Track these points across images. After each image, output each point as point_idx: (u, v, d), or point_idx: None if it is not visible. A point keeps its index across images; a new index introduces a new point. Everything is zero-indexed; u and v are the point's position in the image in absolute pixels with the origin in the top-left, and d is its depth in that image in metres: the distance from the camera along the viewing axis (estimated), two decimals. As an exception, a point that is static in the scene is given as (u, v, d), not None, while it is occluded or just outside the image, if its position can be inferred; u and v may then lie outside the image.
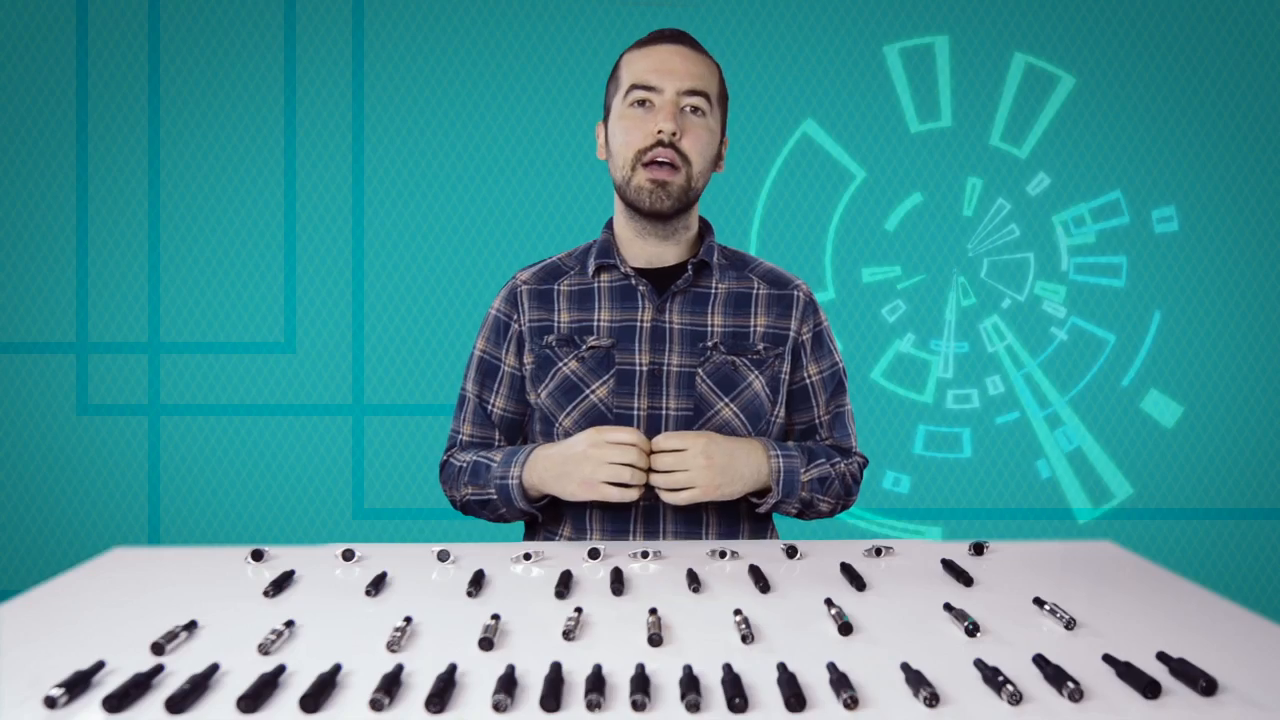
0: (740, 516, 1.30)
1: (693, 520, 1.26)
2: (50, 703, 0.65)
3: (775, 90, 2.63)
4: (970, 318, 2.63)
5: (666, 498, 1.17)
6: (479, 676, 0.71)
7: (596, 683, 0.67)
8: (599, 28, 2.61)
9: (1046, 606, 0.87)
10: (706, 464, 1.15)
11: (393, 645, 0.77)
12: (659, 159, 1.21)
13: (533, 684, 0.69)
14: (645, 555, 1.08)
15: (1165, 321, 2.61)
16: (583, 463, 1.15)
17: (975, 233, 2.60)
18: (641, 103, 1.23)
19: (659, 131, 1.21)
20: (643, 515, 1.26)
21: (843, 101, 2.63)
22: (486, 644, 0.77)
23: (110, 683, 0.69)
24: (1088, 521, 2.63)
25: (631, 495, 1.15)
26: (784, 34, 2.62)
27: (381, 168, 2.62)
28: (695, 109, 1.23)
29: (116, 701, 0.65)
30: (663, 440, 1.17)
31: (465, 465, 1.30)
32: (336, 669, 0.70)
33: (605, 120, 1.31)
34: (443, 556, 1.06)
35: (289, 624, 0.82)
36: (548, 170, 2.62)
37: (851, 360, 2.60)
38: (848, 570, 0.99)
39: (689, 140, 1.22)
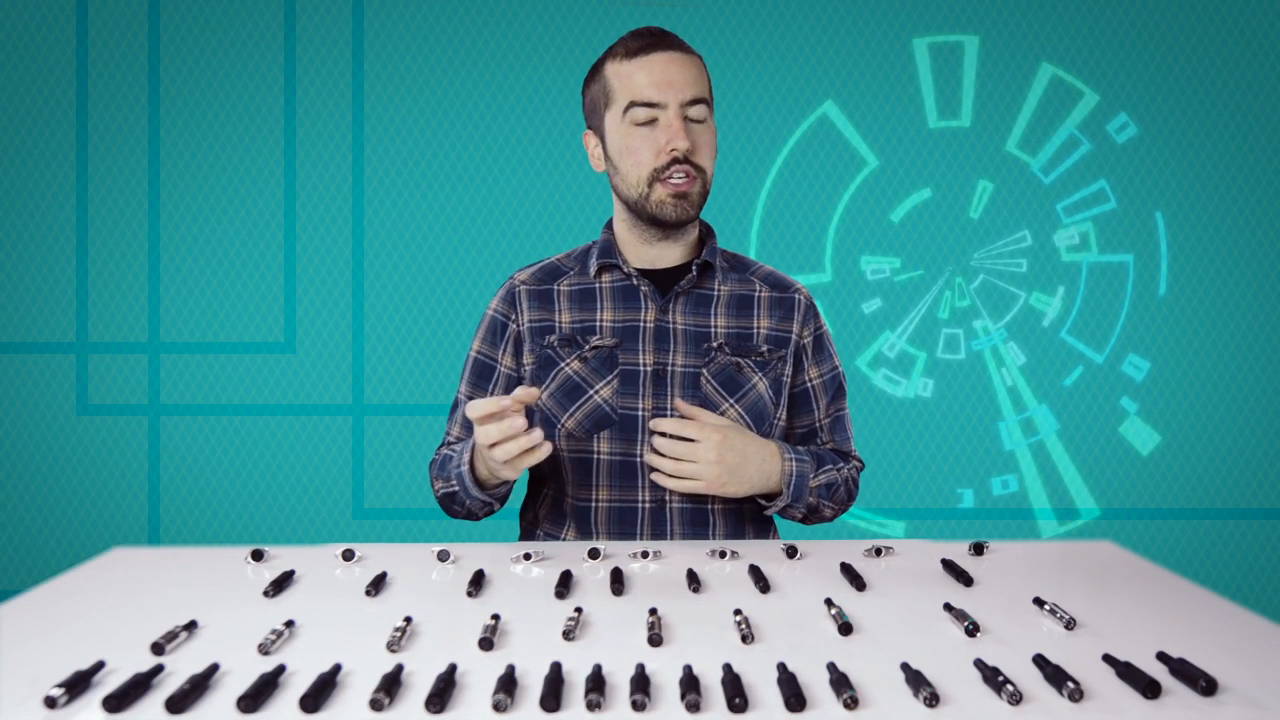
0: (745, 519, 1.30)
1: (699, 523, 1.26)
2: (50, 703, 0.65)
3: (801, 67, 2.63)
4: (962, 318, 2.63)
5: (665, 482, 1.17)
6: (479, 676, 0.71)
7: (596, 683, 0.67)
8: (601, 28, 2.61)
9: (1046, 606, 0.87)
10: (716, 460, 1.15)
11: (393, 645, 0.77)
12: (675, 176, 1.20)
13: (533, 684, 0.69)
14: (645, 555, 1.08)
15: (1169, 220, 2.61)
16: (483, 455, 1.10)
17: (985, 246, 2.61)
18: (644, 119, 1.21)
19: (672, 150, 1.19)
20: (650, 518, 1.25)
21: (865, 88, 2.63)
22: (486, 644, 0.77)
23: (110, 683, 0.69)
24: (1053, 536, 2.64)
25: (538, 439, 1.04)
26: (816, 14, 2.62)
27: (381, 168, 2.62)
28: (697, 115, 1.22)
29: (116, 701, 0.65)
30: (679, 425, 1.16)
31: (438, 459, 1.32)
32: (336, 669, 0.70)
33: (594, 130, 1.29)
34: (443, 556, 1.06)
35: (289, 624, 0.82)
36: (547, 170, 2.62)
37: (839, 347, 2.61)
38: (848, 570, 0.99)
39: (700, 151, 1.22)
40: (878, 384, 2.63)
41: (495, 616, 0.82)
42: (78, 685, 0.68)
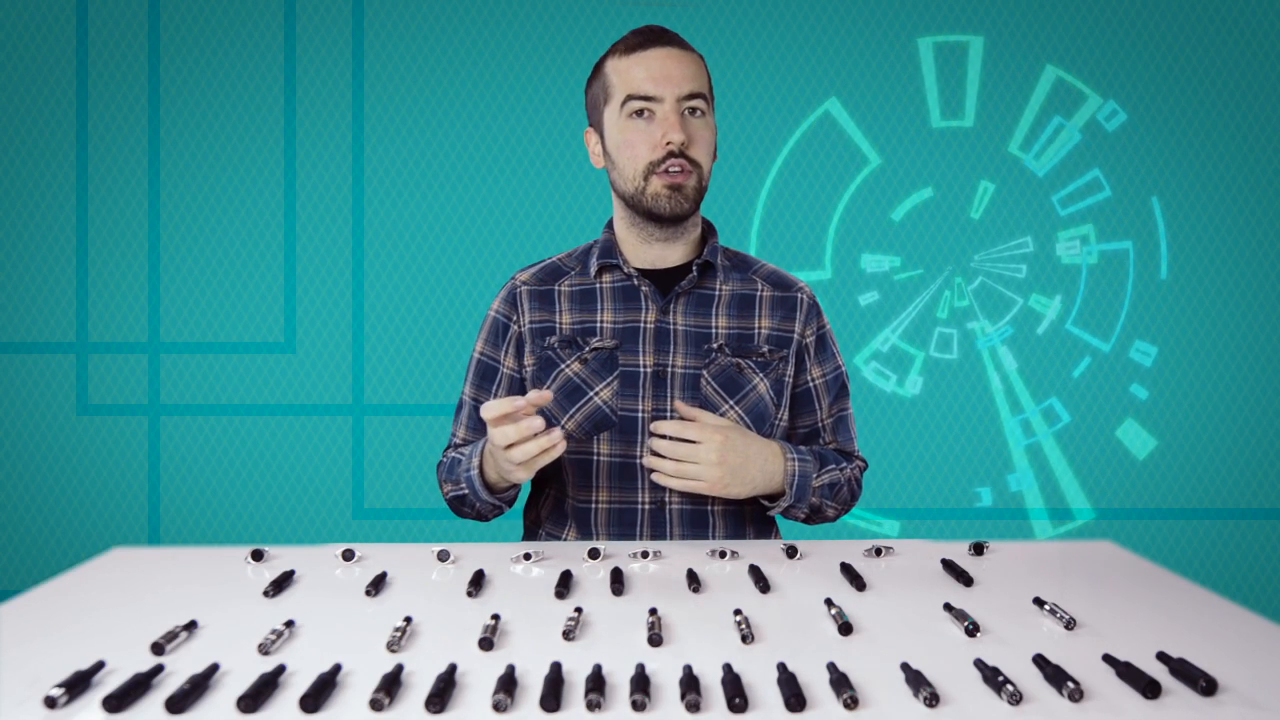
0: (746, 520, 1.29)
1: (699, 524, 1.26)
2: (50, 703, 0.65)
3: (805, 63, 2.63)
4: (959, 319, 2.63)
5: (665, 481, 1.16)
6: (479, 676, 0.71)
7: (596, 683, 0.67)
8: (601, 28, 2.61)
9: (1046, 606, 0.87)
10: (718, 461, 1.14)
11: (393, 645, 0.77)
12: (671, 169, 1.20)
13: (533, 684, 0.69)
14: (645, 555, 1.08)
15: (1166, 204, 2.61)
16: (495, 457, 1.10)
17: (986, 248, 2.61)
18: (640, 112, 1.20)
19: (668, 144, 1.19)
20: (649, 519, 1.25)
21: (869, 87, 2.63)
22: (486, 644, 0.77)
23: (110, 683, 0.69)
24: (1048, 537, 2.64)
25: (556, 439, 1.05)
26: (821, 11, 2.62)
27: (381, 168, 2.62)
28: (694, 110, 1.22)
29: (116, 701, 0.65)
30: (679, 428, 1.15)
31: (446, 462, 1.33)
32: (336, 669, 0.70)
33: (595, 127, 1.29)
34: (443, 556, 1.06)
35: (289, 624, 0.82)
36: (548, 170, 2.62)
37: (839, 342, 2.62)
38: (848, 570, 0.99)
39: (696, 146, 1.21)
40: (868, 377, 2.63)
41: (495, 616, 0.82)
42: (78, 685, 0.68)
